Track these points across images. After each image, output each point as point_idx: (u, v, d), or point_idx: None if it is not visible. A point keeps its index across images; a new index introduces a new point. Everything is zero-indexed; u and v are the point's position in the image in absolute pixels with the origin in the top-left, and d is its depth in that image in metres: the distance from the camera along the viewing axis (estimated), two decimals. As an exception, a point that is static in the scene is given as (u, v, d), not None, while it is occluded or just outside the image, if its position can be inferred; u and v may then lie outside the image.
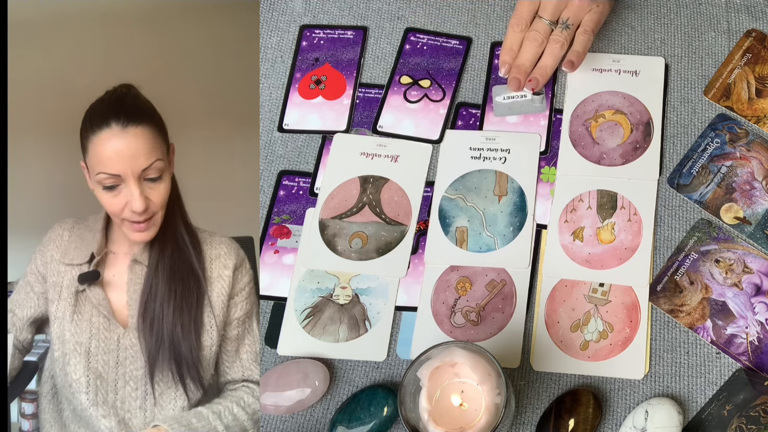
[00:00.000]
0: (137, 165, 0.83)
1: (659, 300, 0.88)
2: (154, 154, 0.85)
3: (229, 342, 0.92)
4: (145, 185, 0.85)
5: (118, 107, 0.85)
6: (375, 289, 0.91)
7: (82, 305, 0.89)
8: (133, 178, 0.84)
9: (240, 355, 0.92)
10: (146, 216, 0.86)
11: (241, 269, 0.93)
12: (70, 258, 0.91)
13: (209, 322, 0.89)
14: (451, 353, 0.75)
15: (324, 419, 0.86)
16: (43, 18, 1.22)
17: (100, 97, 0.87)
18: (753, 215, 0.91)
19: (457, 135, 0.98)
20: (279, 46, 1.06)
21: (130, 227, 0.87)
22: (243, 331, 0.92)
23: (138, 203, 0.84)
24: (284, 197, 0.98)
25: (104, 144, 0.83)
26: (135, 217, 0.85)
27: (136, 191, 0.84)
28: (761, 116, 0.95)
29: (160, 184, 0.86)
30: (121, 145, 0.83)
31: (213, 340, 0.90)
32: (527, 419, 0.85)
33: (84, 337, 0.88)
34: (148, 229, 0.87)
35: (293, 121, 1.02)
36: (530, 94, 0.98)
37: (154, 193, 0.86)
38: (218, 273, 0.91)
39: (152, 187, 0.86)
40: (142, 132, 0.84)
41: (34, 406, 1.11)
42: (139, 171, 0.84)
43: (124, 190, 0.84)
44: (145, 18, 1.26)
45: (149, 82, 0.89)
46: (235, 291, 0.92)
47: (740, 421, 0.78)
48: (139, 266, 0.90)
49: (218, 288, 0.91)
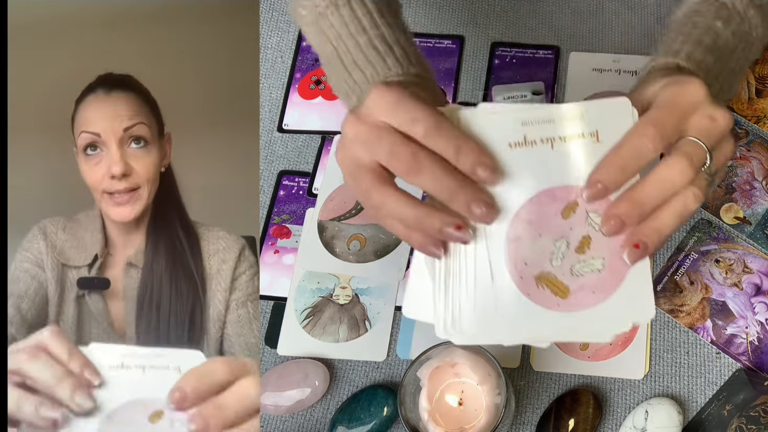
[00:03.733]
0: (118, 124, 0.81)
1: (659, 300, 0.88)
2: (138, 117, 0.82)
3: (230, 325, 0.86)
4: (129, 152, 0.82)
5: (105, 79, 0.84)
6: (375, 289, 0.91)
7: (82, 313, 0.85)
8: (114, 138, 0.81)
9: (246, 338, 0.86)
10: (127, 185, 0.81)
11: (241, 257, 0.88)
12: (67, 258, 0.87)
13: (206, 326, 0.86)
14: (451, 353, 0.76)
15: (324, 419, 0.86)
16: (42, 18, 1.22)
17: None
18: (753, 215, 0.91)
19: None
20: (279, 46, 1.06)
21: (110, 201, 0.82)
22: (246, 314, 0.86)
23: (117, 166, 0.80)
24: (284, 197, 0.98)
25: (87, 107, 0.82)
26: (114, 185, 0.81)
27: (117, 154, 0.81)
28: (761, 116, 0.96)
29: (145, 155, 0.83)
30: (104, 107, 0.82)
31: (210, 344, 0.86)
32: (527, 419, 0.85)
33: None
34: (130, 202, 0.82)
35: (293, 121, 1.02)
36: (530, 94, 0.98)
37: (138, 163, 0.82)
38: (217, 268, 0.87)
39: (136, 155, 0.82)
40: (127, 96, 0.83)
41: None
42: (120, 131, 0.81)
43: (105, 157, 0.81)
44: (144, 18, 1.26)
45: (148, 81, 0.89)
46: (234, 276, 0.87)
47: (740, 421, 0.78)
48: (135, 270, 0.86)
49: (215, 284, 0.87)
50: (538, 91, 0.99)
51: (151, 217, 0.87)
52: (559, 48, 1.02)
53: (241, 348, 0.87)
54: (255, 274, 0.89)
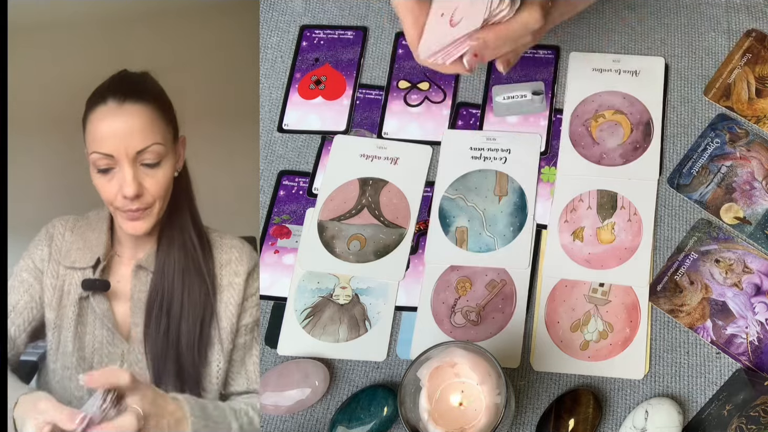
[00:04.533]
0: (131, 145, 0.78)
1: (659, 300, 0.88)
2: (152, 137, 0.79)
3: (235, 351, 0.85)
4: (141, 170, 0.80)
5: (117, 84, 0.81)
6: (375, 289, 0.91)
7: (85, 315, 0.84)
8: (127, 159, 0.79)
9: (246, 365, 0.86)
10: (139, 205, 0.80)
11: (253, 274, 0.87)
12: (72, 260, 0.85)
13: (216, 335, 0.84)
14: (451, 353, 0.75)
15: (324, 419, 0.86)
16: (43, 17, 1.22)
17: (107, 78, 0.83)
18: (753, 215, 0.91)
19: (457, 135, 0.98)
20: (279, 46, 1.06)
21: (123, 215, 0.81)
22: (251, 340, 0.86)
23: (130, 188, 0.79)
24: (284, 197, 0.98)
25: (99, 122, 0.79)
26: (127, 204, 0.80)
27: (129, 174, 0.79)
28: (761, 116, 0.95)
29: (158, 171, 0.81)
30: (116, 123, 0.78)
31: (220, 355, 0.84)
32: (527, 419, 0.85)
33: (87, 352, 0.83)
34: (141, 218, 0.81)
35: (293, 121, 1.02)
36: (530, 94, 0.98)
37: (151, 180, 0.80)
38: (228, 281, 0.85)
39: (149, 173, 0.80)
40: (140, 110, 0.79)
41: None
42: (133, 152, 0.79)
43: (118, 174, 0.79)
44: (144, 18, 1.25)
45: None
46: (245, 296, 0.86)
47: (740, 421, 0.78)
48: (144, 272, 0.84)
49: (227, 297, 0.85)
50: (538, 90, 0.99)
51: (163, 221, 0.85)
52: (559, 48, 1.02)
53: (240, 373, 0.86)
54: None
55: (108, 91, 0.81)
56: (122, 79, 0.82)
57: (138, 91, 0.81)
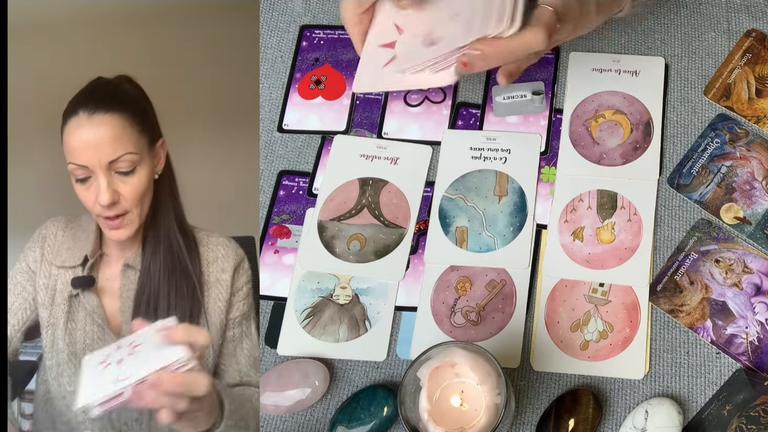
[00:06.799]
0: (103, 156, 0.80)
1: (659, 300, 0.88)
2: (123, 146, 0.81)
3: (225, 344, 0.88)
4: (117, 178, 0.82)
5: (88, 95, 0.82)
6: (375, 289, 0.91)
7: (76, 312, 0.86)
8: (100, 169, 0.80)
9: (237, 358, 0.88)
10: (116, 212, 0.82)
11: (239, 269, 0.89)
12: (62, 260, 0.88)
13: (210, 332, 0.86)
14: (451, 353, 0.75)
15: (324, 419, 0.86)
16: (43, 18, 1.22)
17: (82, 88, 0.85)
18: (753, 215, 0.91)
19: (457, 135, 0.98)
20: (279, 46, 1.06)
21: (105, 223, 0.83)
22: (240, 333, 0.89)
23: (104, 196, 0.80)
24: (284, 197, 0.98)
25: (72, 133, 0.81)
26: (105, 211, 0.82)
27: (103, 183, 0.80)
28: (761, 116, 0.95)
29: (133, 178, 0.82)
30: (86, 134, 0.80)
31: (214, 349, 0.86)
32: (527, 419, 0.85)
33: (78, 347, 0.85)
34: (122, 226, 0.83)
35: (293, 121, 1.02)
36: (530, 94, 0.98)
37: (126, 187, 0.82)
38: (216, 277, 0.88)
39: (124, 180, 0.82)
40: (110, 120, 0.81)
41: (34, 406, 1.10)
42: (105, 162, 0.80)
43: (95, 183, 0.81)
44: (144, 18, 1.25)
45: (148, 82, 0.89)
46: (232, 291, 0.89)
47: (740, 421, 0.78)
48: (132, 271, 0.87)
49: (215, 293, 0.87)
50: (538, 90, 0.99)
51: (147, 221, 0.87)
52: (559, 48, 1.02)
53: (232, 365, 0.88)
54: (251, 290, 0.90)
55: (79, 102, 0.82)
56: (93, 90, 0.84)
57: (108, 102, 0.82)
